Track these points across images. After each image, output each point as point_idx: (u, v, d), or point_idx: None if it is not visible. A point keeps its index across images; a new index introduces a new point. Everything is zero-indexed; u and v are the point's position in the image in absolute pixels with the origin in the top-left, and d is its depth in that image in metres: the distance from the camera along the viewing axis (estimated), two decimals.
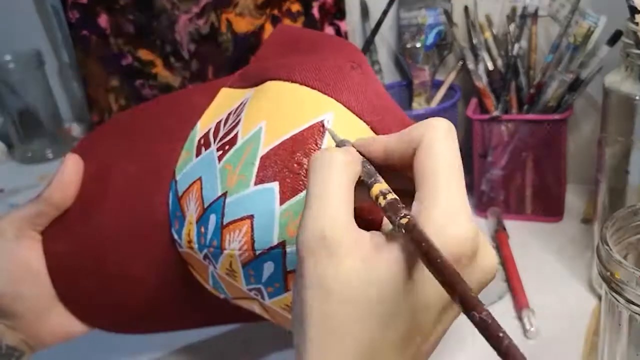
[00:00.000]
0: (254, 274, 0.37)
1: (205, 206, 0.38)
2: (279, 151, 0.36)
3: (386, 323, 0.26)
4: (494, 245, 0.63)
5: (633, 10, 0.48)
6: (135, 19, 0.89)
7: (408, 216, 0.25)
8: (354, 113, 0.37)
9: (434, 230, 0.25)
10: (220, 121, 0.41)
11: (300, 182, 0.36)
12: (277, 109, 0.38)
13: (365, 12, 0.75)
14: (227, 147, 0.38)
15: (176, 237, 0.41)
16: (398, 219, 0.25)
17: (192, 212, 0.39)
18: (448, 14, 0.68)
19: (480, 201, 0.68)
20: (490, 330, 0.21)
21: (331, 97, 0.37)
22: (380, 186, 0.28)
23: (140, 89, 0.93)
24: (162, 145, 0.44)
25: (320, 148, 0.36)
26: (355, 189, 0.29)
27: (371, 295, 0.26)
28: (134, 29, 0.89)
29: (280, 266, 0.36)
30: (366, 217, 0.35)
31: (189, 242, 0.39)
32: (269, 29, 0.80)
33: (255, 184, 0.36)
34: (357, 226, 0.27)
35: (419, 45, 0.71)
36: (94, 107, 0.98)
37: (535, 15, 0.65)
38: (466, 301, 0.22)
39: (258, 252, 0.36)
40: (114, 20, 0.90)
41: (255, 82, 0.41)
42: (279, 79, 0.39)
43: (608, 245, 0.36)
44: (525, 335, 0.50)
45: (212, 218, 0.38)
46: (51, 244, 0.45)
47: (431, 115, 0.66)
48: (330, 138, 0.36)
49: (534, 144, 0.63)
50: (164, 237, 0.42)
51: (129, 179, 0.44)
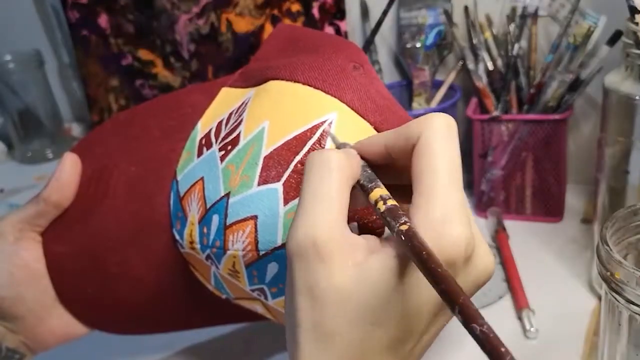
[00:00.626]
0: (257, 274, 0.37)
1: (208, 206, 0.38)
2: (282, 151, 0.36)
3: (377, 328, 0.26)
4: (493, 246, 0.63)
5: (633, 10, 0.48)
6: (135, 19, 0.88)
7: (407, 223, 0.25)
8: (357, 113, 0.37)
9: (429, 234, 0.25)
10: (222, 121, 0.41)
11: None
12: (279, 108, 0.38)
13: (365, 12, 0.75)
14: (229, 147, 0.38)
15: (178, 237, 0.41)
16: (397, 225, 0.25)
17: (194, 212, 0.39)
18: (448, 14, 0.68)
19: (480, 201, 0.68)
20: (490, 344, 0.20)
21: (334, 97, 0.37)
22: (381, 191, 0.27)
23: (141, 89, 0.93)
24: (162, 146, 0.44)
25: (323, 148, 0.36)
26: (357, 194, 0.28)
27: (362, 300, 0.25)
28: (134, 29, 0.89)
29: (285, 267, 0.36)
30: (369, 220, 0.35)
31: (191, 242, 0.39)
32: (269, 28, 0.80)
33: (259, 184, 0.36)
34: (349, 230, 0.27)
35: (419, 45, 0.71)
36: (94, 107, 0.98)
37: (535, 15, 0.65)
38: (467, 314, 0.21)
39: (262, 253, 0.36)
40: (114, 20, 0.90)
41: (257, 81, 0.41)
42: (281, 78, 0.39)
43: (608, 245, 0.36)
44: (525, 335, 0.50)
45: (215, 218, 0.37)
46: (51, 245, 0.45)
47: None
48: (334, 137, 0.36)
49: (534, 144, 0.64)
50: (165, 238, 0.42)
51: (130, 180, 0.44)
